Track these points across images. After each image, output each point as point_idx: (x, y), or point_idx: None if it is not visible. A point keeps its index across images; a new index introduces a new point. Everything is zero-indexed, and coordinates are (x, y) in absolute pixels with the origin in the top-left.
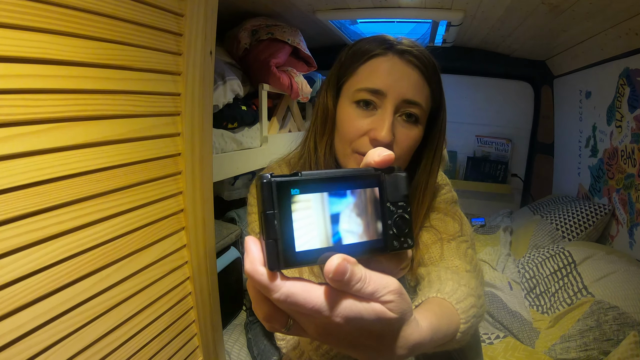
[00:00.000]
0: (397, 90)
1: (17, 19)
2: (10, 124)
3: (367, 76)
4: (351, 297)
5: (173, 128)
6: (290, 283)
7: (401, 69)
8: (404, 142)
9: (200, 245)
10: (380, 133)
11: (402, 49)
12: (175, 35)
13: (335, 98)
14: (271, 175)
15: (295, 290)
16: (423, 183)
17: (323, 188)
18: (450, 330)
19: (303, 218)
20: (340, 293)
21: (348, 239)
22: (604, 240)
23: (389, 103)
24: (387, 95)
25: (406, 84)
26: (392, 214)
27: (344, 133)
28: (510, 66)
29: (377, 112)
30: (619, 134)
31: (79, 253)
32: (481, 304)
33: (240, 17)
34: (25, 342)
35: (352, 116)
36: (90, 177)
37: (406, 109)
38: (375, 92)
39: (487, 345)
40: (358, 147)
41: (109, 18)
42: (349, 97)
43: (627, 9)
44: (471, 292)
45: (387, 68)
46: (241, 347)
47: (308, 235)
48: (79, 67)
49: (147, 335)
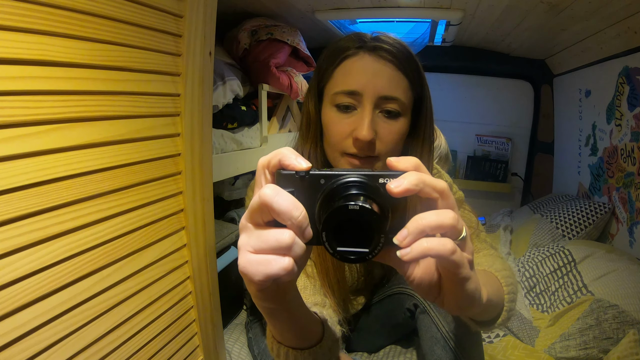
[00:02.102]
0: (372, 88)
1: (17, 21)
2: (11, 125)
3: (342, 79)
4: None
5: (173, 128)
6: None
7: (374, 66)
8: (387, 136)
9: (201, 244)
10: (361, 132)
11: (373, 46)
12: (175, 37)
13: (318, 103)
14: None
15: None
16: None
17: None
18: (498, 296)
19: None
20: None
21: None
22: (604, 239)
23: (367, 102)
24: (363, 94)
25: (381, 80)
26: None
27: (329, 137)
28: (510, 65)
29: (357, 112)
30: (619, 132)
31: (80, 253)
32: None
33: (239, 17)
34: (26, 341)
35: (334, 120)
36: (91, 177)
37: (385, 105)
38: (351, 93)
39: (487, 343)
40: (345, 148)
41: (109, 20)
42: (329, 100)
43: (626, 8)
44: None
45: (360, 68)
46: (242, 346)
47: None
48: (79, 68)
49: (147, 334)
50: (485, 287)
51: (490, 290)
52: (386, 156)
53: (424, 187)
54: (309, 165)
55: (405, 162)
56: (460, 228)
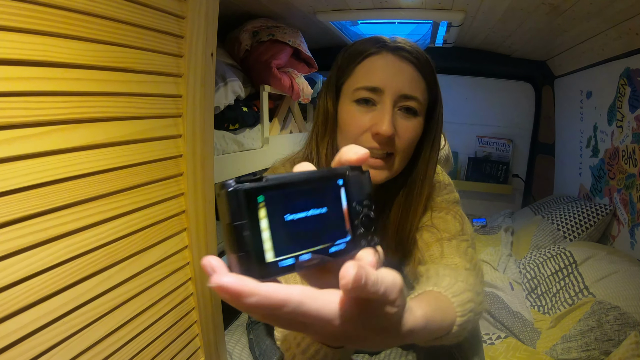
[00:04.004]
0: (393, 85)
1: (19, 22)
2: (12, 126)
3: (364, 75)
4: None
5: (175, 130)
6: (291, 288)
7: (396, 65)
8: (405, 133)
9: (202, 246)
10: (382, 127)
11: (395, 46)
12: (177, 38)
13: (336, 100)
14: (235, 182)
15: (303, 299)
16: (422, 172)
17: (288, 192)
18: (445, 322)
19: (273, 225)
20: (352, 299)
21: (319, 242)
22: (605, 241)
23: (388, 98)
24: (384, 91)
25: (402, 79)
26: (358, 214)
27: (347, 131)
28: (511, 66)
29: (377, 108)
30: (620, 134)
31: (82, 254)
32: (480, 301)
33: (241, 18)
34: (28, 342)
35: (353, 114)
36: (93, 178)
37: (404, 103)
38: (373, 89)
39: (489, 345)
40: (362, 143)
41: (111, 21)
42: (348, 97)
43: (627, 9)
44: (469, 287)
45: (382, 65)
46: (243, 347)
47: (280, 243)
48: (81, 69)
49: (149, 335)
50: (425, 318)
51: (435, 319)
52: (402, 153)
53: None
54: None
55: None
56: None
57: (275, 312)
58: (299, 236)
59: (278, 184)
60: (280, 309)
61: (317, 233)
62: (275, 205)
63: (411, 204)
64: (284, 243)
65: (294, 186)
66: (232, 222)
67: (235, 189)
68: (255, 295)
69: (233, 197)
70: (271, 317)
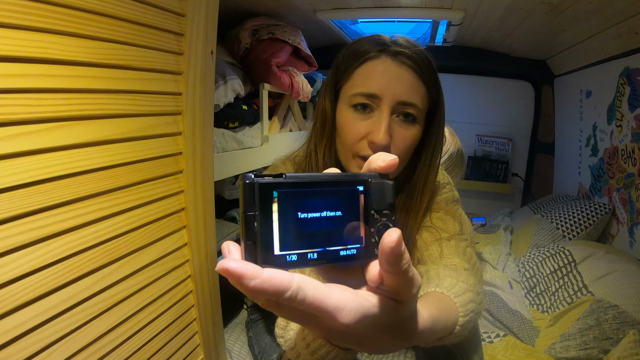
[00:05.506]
0: (391, 92)
1: (19, 19)
2: (12, 123)
3: (362, 80)
4: (364, 297)
5: (174, 127)
6: (298, 276)
7: (395, 70)
8: (401, 142)
9: (202, 243)
10: (378, 136)
11: (395, 51)
12: (177, 35)
13: (334, 101)
14: (255, 176)
15: (303, 285)
16: (423, 178)
17: (307, 192)
18: (449, 322)
19: (284, 221)
20: (357, 293)
21: (329, 244)
22: (604, 240)
23: (385, 105)
24: (382, 98)
25: (400, 85)
26: (375, 222)
27: (344, 137)
28: (510, 66)
29: (374, 115)
30: (619, 133)
31: (81, 251)
32: (479, 301)
33: (241, 16)
34: (27, 340)
35: (350, 120)
36: (92, 175)
37: (402, 110)
38: (370, 96)
39: (487, 343)
40: (358, 150)
41: (111, 18)
42: (346, 101)
43: (627, 8)
44: (469, 287)
45: (381, 71)
46: (242, 345)
47: (288, 239)
48: (80, 66)
49: (148, 333)
50: (431, 319)
51: (440, 319)
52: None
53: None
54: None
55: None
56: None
57: (277, 297)
58: (310, 235)
59: (296, 183)
60: (281, 293)
61: (329, 235)
62: (289, 202)
63: (411, 209)
64: (293, 239)
65: (312, 186)
66: (244, 212)
67: (251, 182)
68: (257, 278)
69: (248, 189)
70: (274, 303)
